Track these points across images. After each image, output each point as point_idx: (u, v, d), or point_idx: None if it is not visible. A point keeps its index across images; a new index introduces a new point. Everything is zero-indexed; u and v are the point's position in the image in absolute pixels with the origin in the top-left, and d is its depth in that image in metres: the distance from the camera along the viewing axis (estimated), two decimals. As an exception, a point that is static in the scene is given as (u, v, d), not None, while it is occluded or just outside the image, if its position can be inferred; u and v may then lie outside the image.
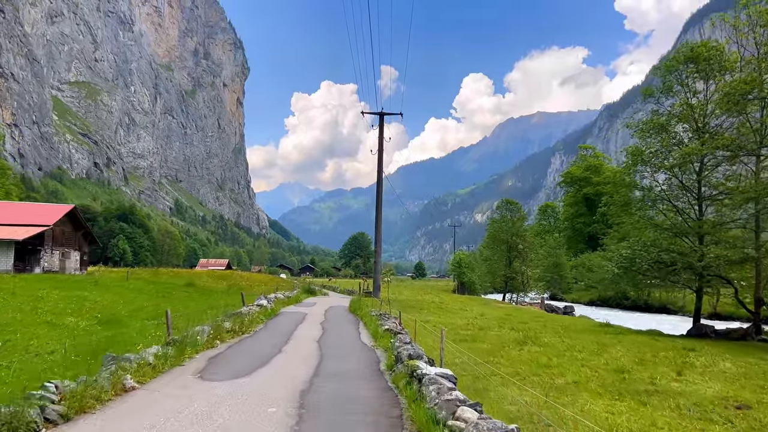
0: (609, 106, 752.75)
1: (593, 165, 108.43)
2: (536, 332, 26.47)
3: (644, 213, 31.35)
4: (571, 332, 27.67)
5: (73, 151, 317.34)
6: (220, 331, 15.91)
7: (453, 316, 38.22)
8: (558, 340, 23.06)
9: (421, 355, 11.64)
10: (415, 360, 11.01)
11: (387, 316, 23.75)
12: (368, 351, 15.30)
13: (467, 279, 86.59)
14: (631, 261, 29.02)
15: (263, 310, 24.71)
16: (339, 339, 18.03)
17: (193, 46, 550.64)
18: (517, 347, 20.75)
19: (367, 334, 20.10)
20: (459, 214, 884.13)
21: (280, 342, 16.53)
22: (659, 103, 31.72)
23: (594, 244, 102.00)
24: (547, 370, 15.70)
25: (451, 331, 26.94)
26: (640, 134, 31.57)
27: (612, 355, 18.95)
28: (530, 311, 48.52)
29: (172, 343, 13.08)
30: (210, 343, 14.70)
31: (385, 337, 17.18)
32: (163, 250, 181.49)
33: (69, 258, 57.84)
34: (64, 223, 56.87)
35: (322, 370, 12.13)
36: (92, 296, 33.35)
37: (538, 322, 33.86)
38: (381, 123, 48.81)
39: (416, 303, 47.21)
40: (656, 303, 67.23)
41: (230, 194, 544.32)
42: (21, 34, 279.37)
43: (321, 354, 14.50)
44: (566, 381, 14.30)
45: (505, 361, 17.50)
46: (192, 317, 22.74)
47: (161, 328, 20.88)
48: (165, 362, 11.50)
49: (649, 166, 31.11)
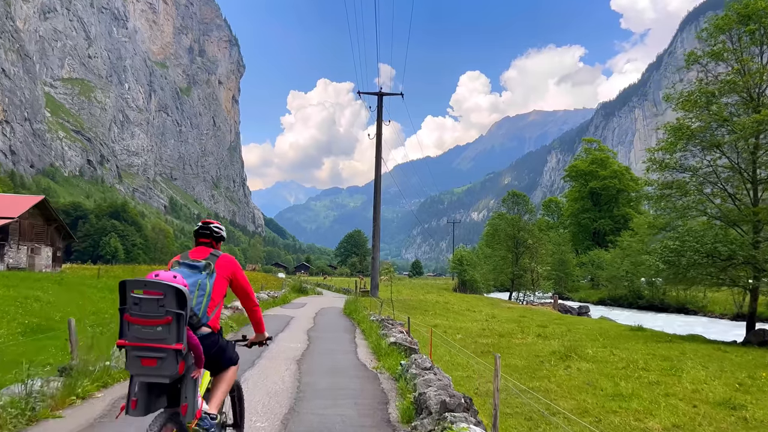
0: (605, 104, 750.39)
1: (599, 158, 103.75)
2: (570, 340, 21.92)
3: (694, 198, 26.60)
4: (610, 339, 23.05)
5: (66, 148, 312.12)
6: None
7: (462, 318, 33.64)
8: (606, 352, 18.33)
9: (458, 400, 6.95)
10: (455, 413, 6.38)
11: (391, 322, 19.10)
12: (369, 380, 10.51)
13: (469, 277, 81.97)
14: (678, 254, 24.31)
15: (237, 314, 20.00)
16: (328, 357, 13.13)
17: (188, 43, 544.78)
18: (559, 363, 16.09)
19: (367, 347, 15.33)
20: (455, 212, 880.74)
21: (247, 362, 11.76)
22: (706, 69, 27.07)
23: (599, 240, 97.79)
24: (622, 404, 11.01)
25: (467, 339, 22.31)
26: (684, 106, 26.85)
27: (692, 375, 14.26)
28: (545, 312, 43.90)
29: (66, 372, 8.47)
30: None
31: (391, 354, 12.49)
32: (156, 248, 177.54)
33: (39, 254, 52.99)
34: (33, 216, 52.00)
35: (293, 427, 7.42)
36: (46, 297, 28.65)
37: (560, 326, 29.26)
38: (379, 104, 44.21)
39: (419, 303, 42.55)
40: (673, 302, 62.63)
41: (225, 192, 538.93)
42: (12, 29, 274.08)
43: (299, 386, 9.65)
44: (663, 426, 9.66)
45: (555, 386, 12.83)
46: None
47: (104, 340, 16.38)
48: (23, 413, 6.84)
49: (698, 143, 26.41)
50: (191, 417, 4.48)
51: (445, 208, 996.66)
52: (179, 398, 4.48)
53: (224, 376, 5.08)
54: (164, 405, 4.48)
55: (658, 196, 27.89)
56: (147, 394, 4.36)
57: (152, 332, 4.12)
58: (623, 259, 69.97)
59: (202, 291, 4.73)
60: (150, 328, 4.13)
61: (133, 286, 4.16)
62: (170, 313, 4.12)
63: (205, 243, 5.21)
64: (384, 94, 44.71)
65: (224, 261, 5.04)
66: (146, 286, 4.15)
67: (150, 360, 4.18)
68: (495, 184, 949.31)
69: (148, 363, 4.19)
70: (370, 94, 45.02)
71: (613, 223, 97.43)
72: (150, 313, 4.11)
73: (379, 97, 44.47)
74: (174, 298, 4.13)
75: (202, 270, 4.80)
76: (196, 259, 4.90)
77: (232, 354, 5.16)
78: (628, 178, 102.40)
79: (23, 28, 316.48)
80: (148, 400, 4.36)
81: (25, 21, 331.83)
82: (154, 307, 4.11)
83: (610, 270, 72.81)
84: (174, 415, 4.43)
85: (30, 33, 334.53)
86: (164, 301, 4.11)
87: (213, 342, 4.86)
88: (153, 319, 4.11)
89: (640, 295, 67.85)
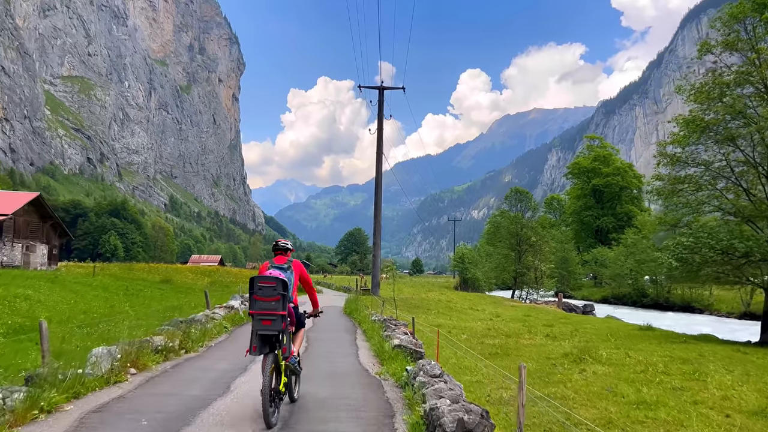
0: (605, 102, 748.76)
1: (602, 155, 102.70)
2: (581, 341, 21.00)
3: (709, 192, 25.60)
4: (622, 339, 22.09)
5: (66, 146, 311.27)
6: (141, 354, 10.21)
7: (466, 317, 32.71)
8: (620, 354, 17.31)
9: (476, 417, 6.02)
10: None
11: (393, 322, 18.12)
12: (373, 388, 9.55)
13: (471, 275, 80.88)
14: (692, 251, 23.33)
15: (232, 314, 19.00)
16: (327, 361, 12.15)
17: (188, 41, 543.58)
18: (573, 366, 15.14)
19: (368, 349, 14.36)
20: (456, 210, 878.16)
21: (237, 368, 10.85)
22: (719, 59, 26.05)
23: (602, 238, 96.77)
24: (649, 413, 10.05)
25: (472, 339, 21.40)
26: (696, 98, 25.83)
27: (717, 380, 13.25)
28: (549, 311, 42.95)
29: (32, 381, 7.55)
30: (116, 376, 9.00)
31: (396, 358, 11.53)
32: (156, 246, 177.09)
33: (34, 252, 51.94)
34: (28, 213, 50.93)
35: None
36: (37, 296, 27.71)
37: (567, 326, 28.35)
38: (380, 98, 43.21)
39: (421, 302, 41.57)
40: (678, 301, 61.64)
41: (226, 190, 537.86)
42: (12, 27, 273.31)
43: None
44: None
45: (572, 392, 11.88)
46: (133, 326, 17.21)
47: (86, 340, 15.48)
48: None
49: (712, 136, 25.41)
50: (288, 354, 7.48)
51: (446, 207, 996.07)
52: (278, 345, 7.20)
53: (300, 333, 8.16)
54: (267, 350, 7.12)
55: (669, 191, 26.84)
56: (261, 343, 7.10)
57: (269, 305, 6.98)
58: (627, 256, 69.05)
59: (289, 282, 7.41)
60: (268, 303, 6.98)
61: (259, 279, 7.07)
62: (279, 294, 7.01)
63: (280, 253, 8.02)
64: (385, 88, 43.71)
65: (296, 264, 7.87)
66: (266, 279, 7.07)
67: (267, 321, 7.02)
68: (495, 183, 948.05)
69: (266, 323, 7.01)
70: (372, 88, 44.02)
71: (616, 220, 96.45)
72: (268, 294, 6.98)
73: (380, 91, 43.46)
74: (280, 285, 7.03)
75: (286, 270, 7.60)
76: (281, 264, 7.68)
77: (303, 320, 8.18)
78: (631, 175, 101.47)
79: (23, 25, 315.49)
80: (261, 346, 7.10)
81: (25, 18, 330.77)
82: (270, 291, 6.99)
83: (614, 268, 71.84)
84: (274, 356, 7.13)
85: (29, 31, 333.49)
86: (276, 287, 7.02)
87: (295, 311, 7.83)
88: (270, 298, 6.98)
89: (645, 294, 66.93)
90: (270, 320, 7.00)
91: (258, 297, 7.03)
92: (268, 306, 7.00)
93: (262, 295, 7.03)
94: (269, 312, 6.99)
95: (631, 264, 67.37)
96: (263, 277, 7.14)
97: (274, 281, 7.04)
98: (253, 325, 7.10)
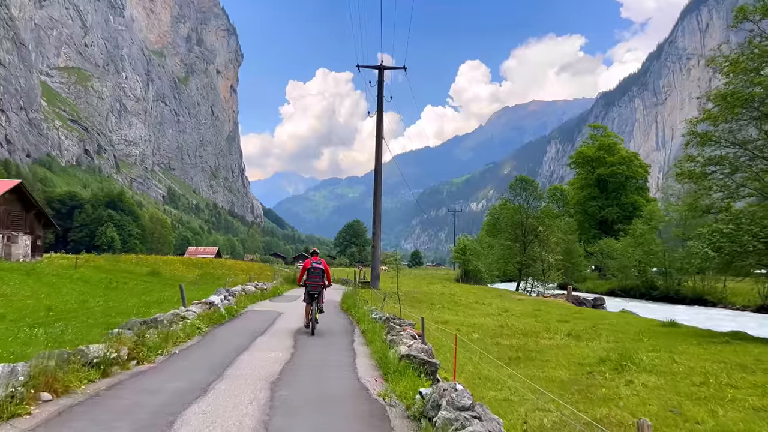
0: (605, 94, 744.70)
1: (606, 144, 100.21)
2: (611, 341, 18.48)
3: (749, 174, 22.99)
4: (656, 339, 19.33)
5: (62, 137, 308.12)
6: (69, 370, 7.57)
7: (474, 313, 30.15)
8: (665, 359, 14.62)
9: None
10: None
11: (398, 322, 15.53)
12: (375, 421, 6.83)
13: (473, 267, 78.33)
14: (731, 239, 20.77)
15: (210, 312, 16.40)
16: (316, 377, 9.35)
17: (186, 32, 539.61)
18: (615, 376, 12.51)
19: (369, 357, 11.67)
20: (455, 202, 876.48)
21: (195, 388, 8.20)
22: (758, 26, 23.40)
23: (607, 229, 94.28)
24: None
25: (485, 339, 18.87)
26: (733, 68, 23.18)
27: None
28: (560, 305, 40.45)
29: None
30: (16, 407, 6.42)
31: (404, 373, 8.86)
32: (153, 238, 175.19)
33: (16, 242, 49.26)
34: (9, 202, 48.23)
35: None
36: (4, 290, 25.25)
37: (584, 322, 25.82)
38: (380, 79, 40.48)
39: (424, 295, 38.99)
40: (689, 293, 59.21)
41: (224, 182, 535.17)
42: (7, 17, 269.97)
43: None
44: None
45: (629, 415, 9.28)
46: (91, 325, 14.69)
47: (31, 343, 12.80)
48: None
49: (751, 111, 22.78)
50: (322, 304, 16.22)
51: (444, 198, 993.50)
52: (318, 299, 15.91)
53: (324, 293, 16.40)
54: (310, 301, 15.81)
55: (700, 173, 24.25)
56: (309, 297, 15.79)
57: (316, 281, 16.01)
58: (635, 247, 66.71)
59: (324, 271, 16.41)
60: (316, 280, 16.02)
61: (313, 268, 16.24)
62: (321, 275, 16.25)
63: (315, 254, 16.64)
64: (385, 67, 40.88)
65: (324, 262, 16.44)
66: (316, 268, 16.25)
67: (315, 286, 15.90)
68: (494, 174, 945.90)
69: (314, 288, 15.86)
70: (371, 67, 41.19)
71: (621, 211, 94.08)
72: (317, 274, 16.15)
73: (380, 71, 40.64)
74: (321, 271, 16.27)
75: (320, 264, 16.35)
76: (318, 261, 16.36)
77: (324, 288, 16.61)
78: (636, 165, 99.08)
79: (18, 16, 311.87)
80: (310, 298, 15.78)
81: (20, 9, 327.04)
82: (319, 274, 16.18)
83: (621, 259, 69.46)
84: (317, 303, 15.84)
85: (25, 21, 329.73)
86: (320, 272, 16.23)
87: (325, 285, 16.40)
88: (317, 277, 16.10)
89: (654, 286, 64.54)
90: (316, 286, 15.84)
91: (311, 275, 15.98)
92: (315, 282, 15.89)
93: (314, 274, 16.02)
94: (316, 284, 15.89)
95: (640, 255, 65.05)
96: (315, 267, 16.09)
97: (319, 269, 16.11)
98: (306, 289, 15.88)
